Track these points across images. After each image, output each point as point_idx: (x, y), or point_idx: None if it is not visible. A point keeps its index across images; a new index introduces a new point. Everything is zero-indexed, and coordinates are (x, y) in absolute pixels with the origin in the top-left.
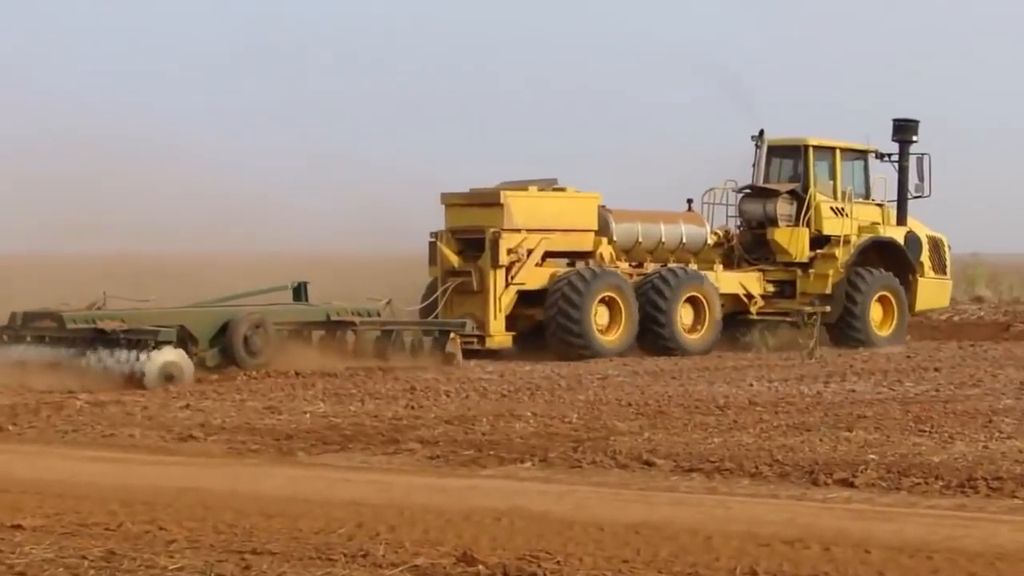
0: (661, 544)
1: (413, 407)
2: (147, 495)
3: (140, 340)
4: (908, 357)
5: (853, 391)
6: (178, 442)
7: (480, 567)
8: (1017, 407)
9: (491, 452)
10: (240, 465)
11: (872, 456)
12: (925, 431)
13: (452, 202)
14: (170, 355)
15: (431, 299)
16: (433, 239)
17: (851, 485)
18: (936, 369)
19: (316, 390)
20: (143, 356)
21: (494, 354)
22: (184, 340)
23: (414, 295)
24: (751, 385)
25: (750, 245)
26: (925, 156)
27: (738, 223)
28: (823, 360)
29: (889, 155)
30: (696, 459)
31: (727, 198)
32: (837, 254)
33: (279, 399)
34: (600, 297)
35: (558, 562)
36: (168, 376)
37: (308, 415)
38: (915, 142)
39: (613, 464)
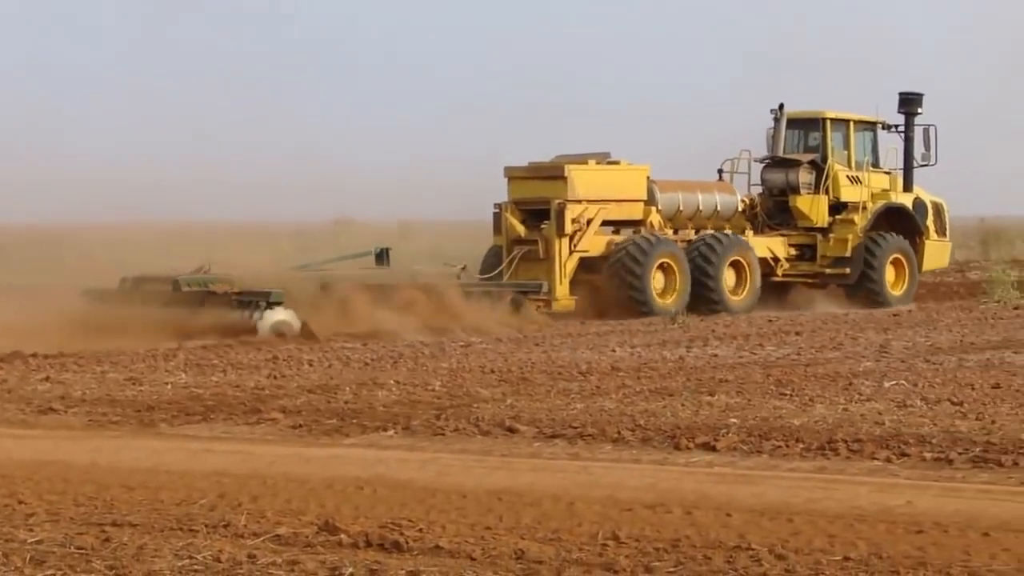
0: (524, 510)
1: (275, 377)
2: (6, 468)
3: (252, 301)
4: (770, 321)
5: (715, 356)
6: (38, 415)
7: (342, 536)
8: (876, 369)
9: (354, 421)
10: (101, 437)
11: (733, 420)
12: (786, 394)
13: (515, 175)
14: (281, 314)
15: (493, 265)
16: (497, 210)
17: (713, 449)
18: (797, 333)
19: (178, 361)
20: (256, 315)
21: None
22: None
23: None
24: (614, 351)
25: (772, 212)
26: (932, 127)
27: (760, 191)
28: (685, 325)
29: (896, 126)
30: (559, 425)
31: (748, 168)
32: (855, 219)
33: (140, 370)
34: (659, 263)
35: (420, 529)
36: (280, 333)
37: (170, 386)
38: (920, 114)
39: (476, 431)
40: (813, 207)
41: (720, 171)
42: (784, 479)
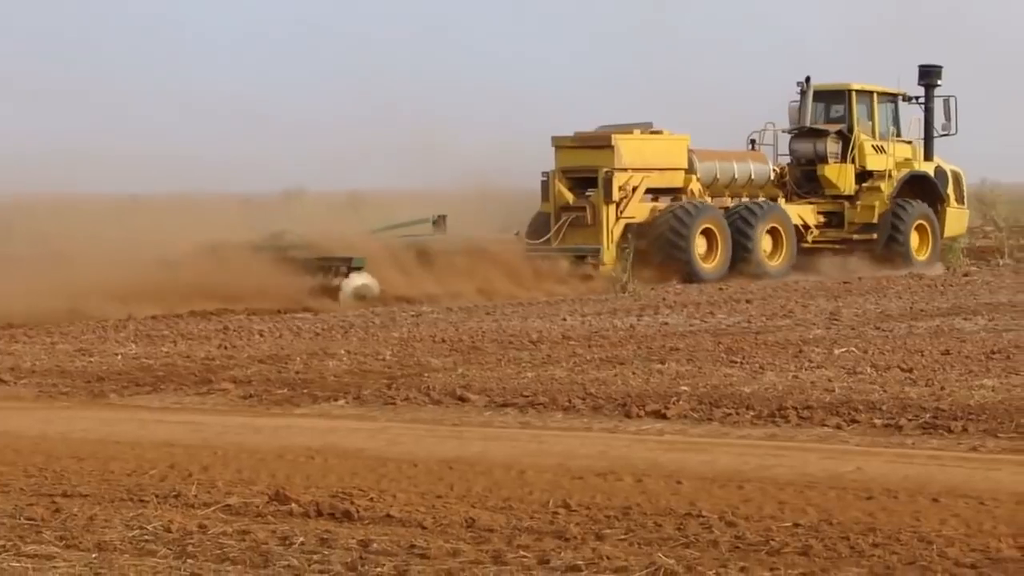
0: (475, 479)
1: (226, 347)
2: None
3: (333, 266)
4: (720, 289)
5: (666, 324)
6: None
7: (293, 505)
8: (827, 337)
9: (304, 391)
10: (51, 408)
11: (684, 388)
12: (736, 362)
13: (563, 144)
14: (362, 279)
15: (541, 231)
16: (545, 178)
17: (663, 417)
18: (748, 301)
19: (128, 332)
20: (337, 279)
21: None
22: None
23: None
24: (564, 320)
25: (800, 180)
26: (952, 98)
27: (789, 161)
28: (636, 294)
29: (916, 98)
30: (510, 394)
31: (775, 138)
32: (882, 187)
33: (90, 341)
34: (701, 228)
35: (371, 499)
36: (361, 296)
37: (120, 357)
38: (939, 85)
39: (427, 400)
40: (840, 175)
41: (752, 141)
42: (734, 446)
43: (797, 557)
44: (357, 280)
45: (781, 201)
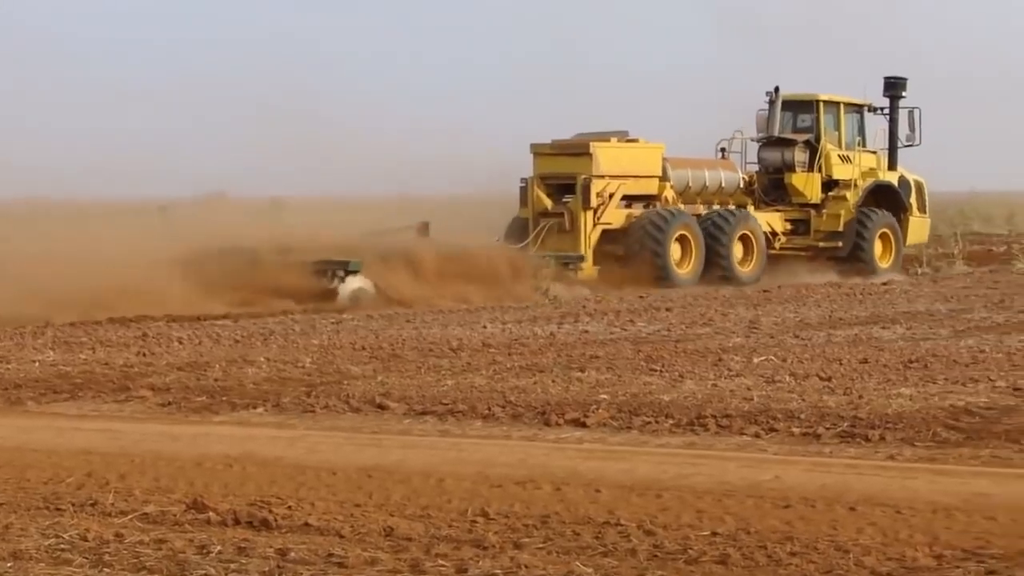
0: (394, 487)
1: (144, 354)
2: None
3: (330, 269)
4: (640, 297)
5: (586, 332)
6: None
7: (211, 513)
8: (746, 345)
9: (223, 398)
10: None
11: (604, 396)
12: (656, 370)
13: (541, 151)
14: (359, 282)
15: (519, 235)
16: (523, 184)
17: (583, 425)
18: (668, 309)
19: (46, 339)
20: (335, 282)
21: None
22: None
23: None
24: (485, 327)
25: (768, 188)
26: (916, 109)
27: (757, 168)
28: (557, 301)
29: (881, 109)
30: (429, 402)
31: (743, 147)
32: (848, 196)
33: (7, 348)
34: (677, 235)
35: (289, 507)
36: (356, 299)
37: (37, 364)
38: (904, 97)
39: (346, 408)
40: (807, 184)
41: (723, 150)
42: (653, 455)
43: (715, 566)
44: (354, 283)
45: (750, 208)
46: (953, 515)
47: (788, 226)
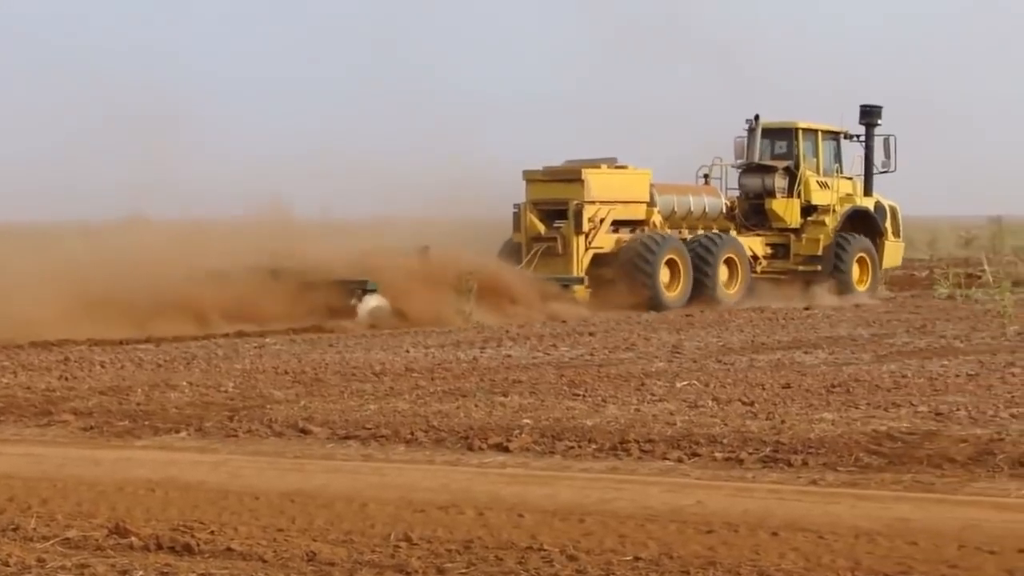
0: (316, 512)
1: (67, 378)
2: None
3: (349, 288)
4: (563, 322)
5: (509, 356)
6: None
7: (133, 538)
8: (669, 370)
9: (146, 423)
10: None
11: (527, 420)
12: (579, 395)
13: (533, 177)
14: (376, 300)
15: (513, 259)
16: (516, 209)
17: (506, 450)
18: (591, 334)
19: None
20: (353, 301)
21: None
22: None
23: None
24: (408, 351)
25: (748, 213)
26: (891, 137)
27: (738, 194)
28: (480, 326)
29: (857, 136)
30: (352, 426)
31: (723, 173)
32: (827, 221)
33: None
34: (666, 259)
35: (212, 532)
36: (374, 317)
37: None
38: (879, 125)
39: (269, 432)
40: (787, 209)
41: (706, 176)
42: (576, 479)
43: None
44: (372, 302)
45: (733, 233)
46: (875, 540)
47: (769, 250)
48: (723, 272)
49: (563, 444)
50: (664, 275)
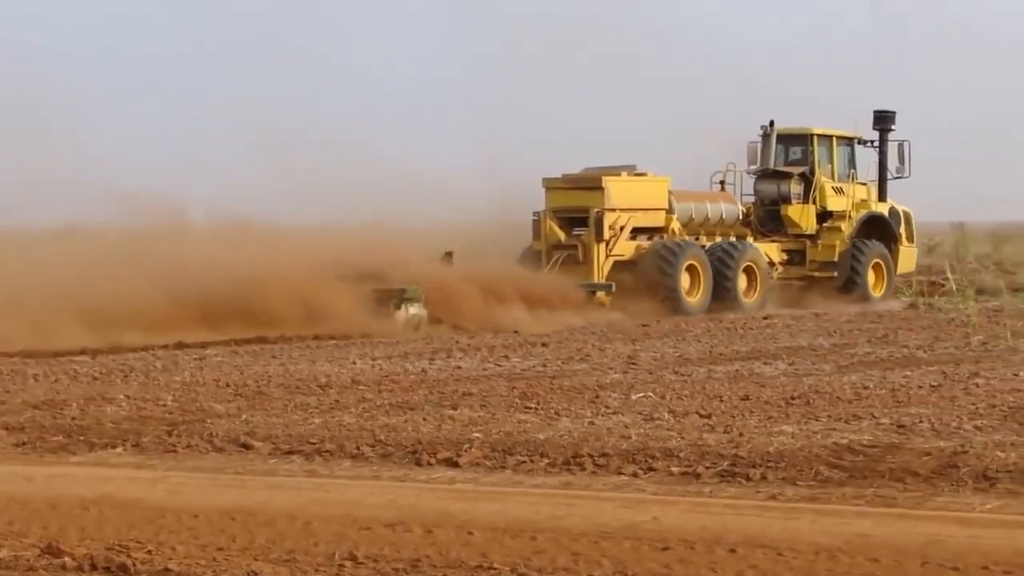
0: (258, 530)
1: None
2: None
3: (389, 296)
4: (515, 333)
5: (459, 368)
6: None
7: (66, 559)
8: (624, 381)
9: (81, 438)
10: None
11: (477, 434)
12: (531, 408)
13: (554, 185)
14: (414, 309)
15: (532, 266)
16: (536, 217)
17: (455, 465)
18: (543, 344)
19: None
20: (392, 309)
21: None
22: None
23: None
24: (354, 363)
25: (764, 219)
26: (906, 142)
27: (753, 200)
28: (429, 337)
29: (871, 141)
30: (296, 441)
31: (736, 179)
32: (843, 227)
33: None
34: (686, 265)
35: (149, 551)
36: (413, 326)
37: None
38: (893, 130)
39: (209, 448)
40: (803, 215)
41: (722, 182)
42: (528, 495)
43: None
44: (410, 310)
45: (749, 239)
46: (836, 556)
47: (784, 256)
48: (742, 279)
49: (514, 459)
50: (685, 281)
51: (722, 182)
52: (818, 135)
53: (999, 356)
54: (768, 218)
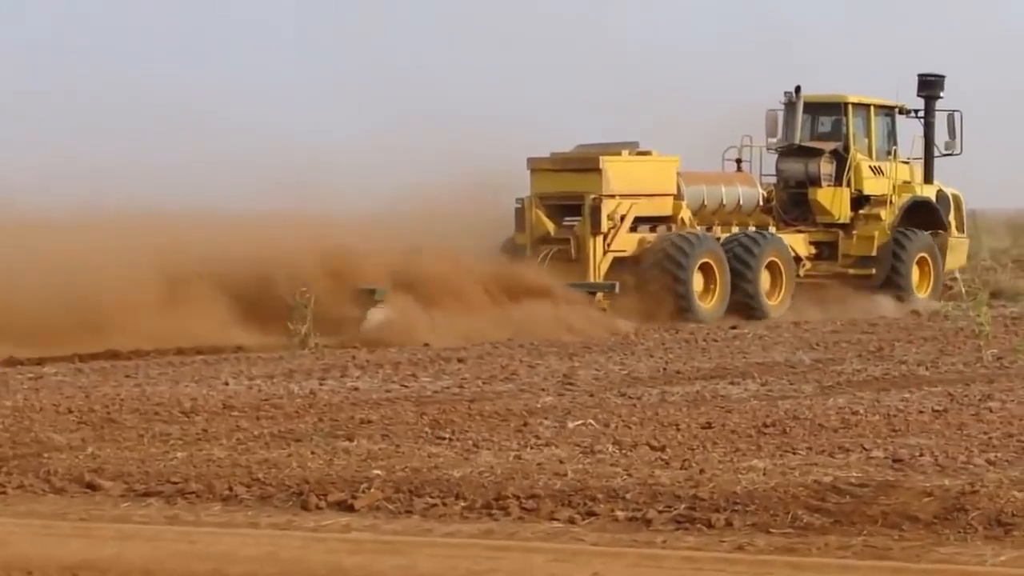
0: None
1: None
2: None
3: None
4: (426, 346)
5: (356, 389)
6: None
7: None
8: (559, 406)
9: None
10: None
11: (377, 471)
12: (444, 438)
13: (541, 167)
14: (384, 312)
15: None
16: (519, 204)
17: (350, 509)
18: (460, 360)
19: None
20: (362, 311)
21: None
22: None
23: None
24: (227, 384)
25: (787, 205)
26: (956, 113)
27: (774, 182)
28: (319, 351)
29: (916, 111)
30: (154, 480)
31: (753, 156)
32: (882, 215)
33: None
34: (700, 263)
35: None
36: (382, 330)
37: None
38: (941, 98)
39: (47, 488)
40: (835, 201)
41: (738, 160)
42: (440, 546)
43: None
44: (379, 314)
45: (772, 229)
46: None
47: (812, 250)
48: (765, 278)
49: (423, 501)
50: (698, 282)
51: (738, 160)
52: (853, 104)
53: (1017, 374)
54: (793, 204)
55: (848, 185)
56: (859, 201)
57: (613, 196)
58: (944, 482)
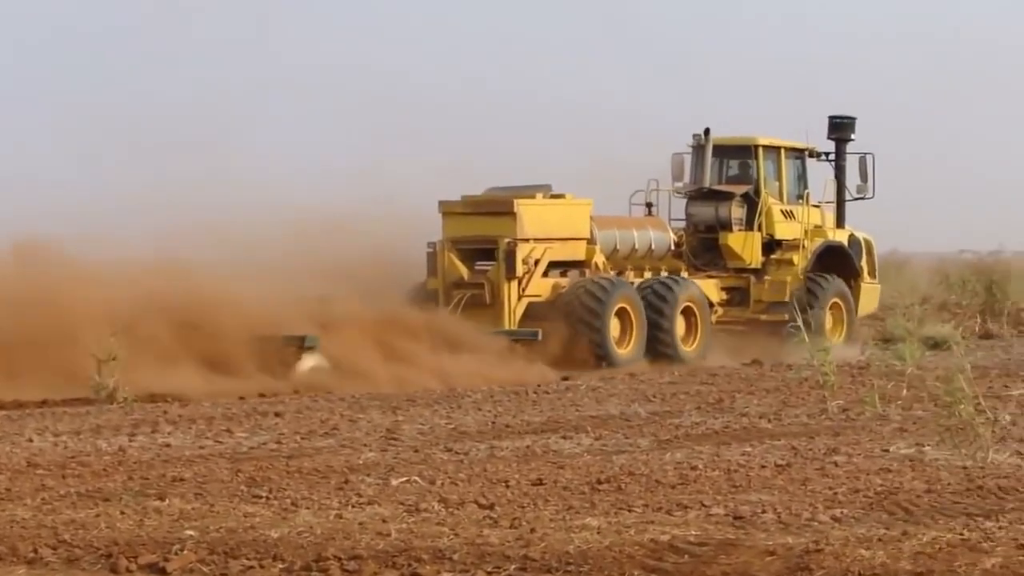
0: None
1: None
2: None
3: (289, 344)
4: (241, 399)
5: (168, 445)
6: None
7: None
8: (382, 462)
9: None
10: None
11: (191, 532)
12: (261, 497)
13: (452, 210)
14: (316, 359)
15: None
16: (431, 249)
17: (162, 572)
18: (278, 414)
19: None
20: (292, 358)
21: None
22: None
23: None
24: (31, 440)
25: (698, 250)
26: (869, 155)
27: (684, 227)
28: (128, 406)
29: (827, 154)
30: None
31: (659, 200)
32: (795, 260)
33: None
34: (617, 308)
35: None
36: (313, 377)
37: None
38: (852, 140)
39: None
40: (746, 245)
41: (648, 204)
42: None
43: None
44: (310, 361)
45: (684, 275)
46: None
47: (724, 295)
48: (680, 324)
49: (239, 563)
50: (615, 328)
51: (648, 204)
52: (764, 146)
53: (864, 426)
54: (703, 248)
55: (759, 229)
56: (770, 246)
57: (528, 240)
58: (788, 540)
